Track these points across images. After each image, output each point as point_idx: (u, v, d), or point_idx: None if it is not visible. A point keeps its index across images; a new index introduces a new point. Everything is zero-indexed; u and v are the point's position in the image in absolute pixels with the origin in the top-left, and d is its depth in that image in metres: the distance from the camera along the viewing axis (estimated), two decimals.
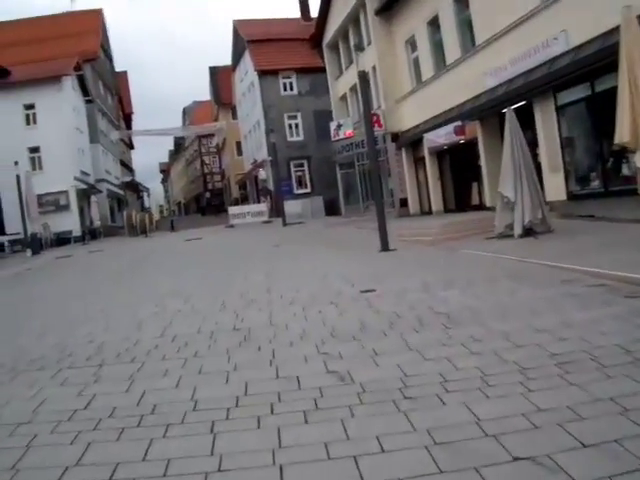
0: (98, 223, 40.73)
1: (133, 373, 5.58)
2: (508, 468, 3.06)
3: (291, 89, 44.55)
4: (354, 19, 31.96)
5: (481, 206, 21.37)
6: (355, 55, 16.06)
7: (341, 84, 36.21)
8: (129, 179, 57.80)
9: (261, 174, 45.55)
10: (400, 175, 27.42)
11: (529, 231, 13.50)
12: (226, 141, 66.07)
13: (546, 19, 16.58)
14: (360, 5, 29.92)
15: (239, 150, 60.07)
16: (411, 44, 26.24)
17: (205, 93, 73.09)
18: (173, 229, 41.18)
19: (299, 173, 44.54)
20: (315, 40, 38.73)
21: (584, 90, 15.85)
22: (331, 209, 39.37)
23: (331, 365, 5.23)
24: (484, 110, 19.55)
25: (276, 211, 37.74)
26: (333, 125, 33.38)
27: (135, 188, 63.49)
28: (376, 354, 5.45)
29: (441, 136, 22.62)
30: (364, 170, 31.50)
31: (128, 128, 65.95)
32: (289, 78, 44.38)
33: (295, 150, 43.53)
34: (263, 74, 43.98)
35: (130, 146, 72.85)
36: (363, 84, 14.56)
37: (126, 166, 66.01)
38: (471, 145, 21.46)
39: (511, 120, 13.58)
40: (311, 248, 17.15)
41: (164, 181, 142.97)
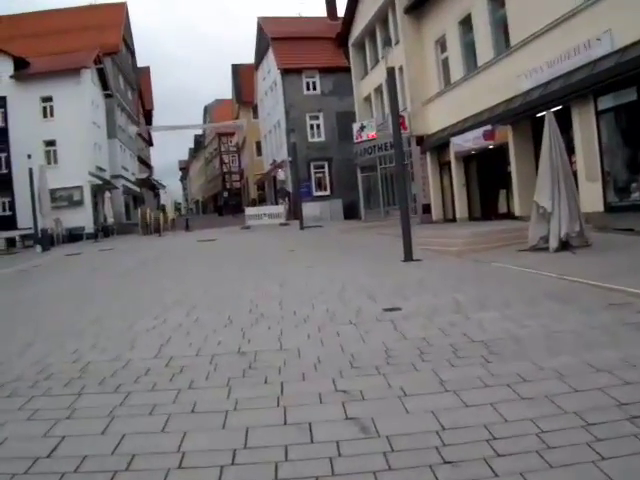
0: (111, 220, 39.89)
1: (115, 408, 4.69)
2: None
3: (314, 89, 43.53)
4: (382, 18, 30.95)
5: (509, 215, 20.31)
6: (383, 51, 15.16)
7: (366, 85, 35.23)
8: (145, 176, 56.91)
9: (280, 175, 44.61)
10: (424, 180, 26.39)
11: (565, 244, 12.50)
12: (246, 140, 65.25)
13: (589, 18, 15.49)
14: (389, 3, 28.91)
15: (259, 150, 59.22)
16: (441, 44, 25.21)
17: (227, 92, 72.35)
18: (188, 229, 40.31)
19: (319, 175, 43.54)
20: (341, 39, 37.80)
21: (628, 95, 14.74)
22: (350, 213, 38.41)
23: (351, 409, 4.33)
24: (517, 114, 18.49)
25: (294, 213, 36.86)
26: (356, 126, 32.36)
27: (152, 185, 62.73)
28: (405, 394, 4.56)
29: (469, 140, 21.59)
30: (386, 174, 30.47)
31: (148, 124, 65.30)
32: (312, 77, 43.37)
33: (316, 151, 42.55)
34: (286, 73, 42.98)
35: (149, 143, 72.27)
36: (391, 81, 13.60)
37: (144, 163, 65.38)
38: (501, 150, 20.41)
39: (551, 123, 12.54)
40: (329, 255, 16.19)
41: (183, 179, 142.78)
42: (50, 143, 39.26)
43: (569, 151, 14.67)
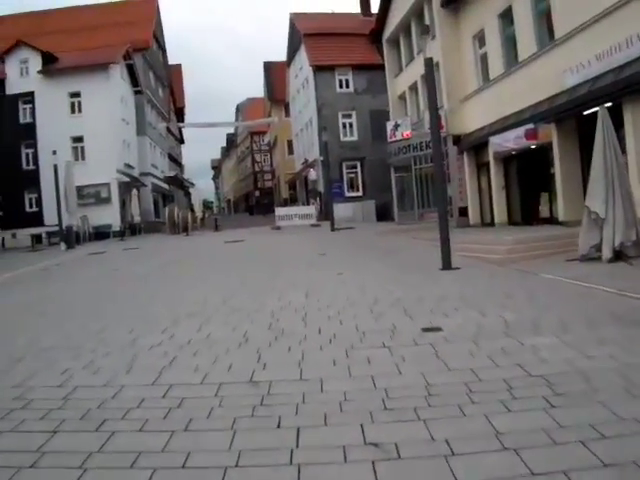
0: (138, 218, 39.27)
1: (91, 455, 3.82)
2: None
3: (347, 86, 42.59)
4: (418, 13, 29.81)
5: (552, 220, 19.10)
6: (420, 40, 14.37)
7: (400, 82, 34.08)
8: (173, 174, 56.23)
9: (311, 174, 43.71)
10: (460, 182, 25.23)
11: (619, 254, 11.38)
12: (277, 139, 64.55)
13: None
14: None
15: (290, 149, 58.47)
16: (479, 39, 24.00)
17: (260, 91, 71.70)
18: (217, 228, 39.48)
19: (351, 175, 42.57)
20: (375, 35, 36.71)
21: None
22: (383, 214, 37.34)
23: (383, 471, 3.39)
24: (562, 112, 17.29)
25: (325, 214, 35.91)
26: (390, 125, 31.24)
27: (181, 184, 62.10)
28: (452, 452, 3.58)
29: (509, 140, 20.37)
30: (421, 174, 29.35)
31: (179, 122, 64.78)
32: (345, 75, 42.42)
33: (348, 151, 41.60)
34: (318, 70, 42.12)
35: (180, 141, 71.80)
36: (429, 73, 12.55)
37: (175, 161, 64.91)
38: (543, 151, 19.19)
39: (604, 120, 11.43)
40: (361, 260, 15.17)
41: (215, 178, 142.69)
42: (78, 139, 38.72)
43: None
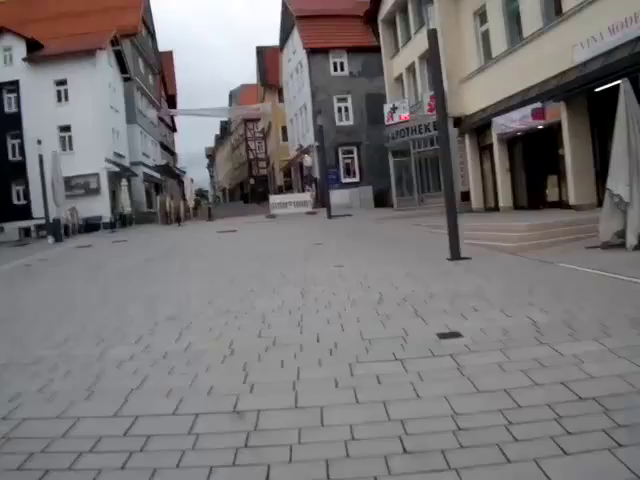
0: (129, 209, 38.04)
1: None
2: None
3: (342, 69, 41.33)
4: None
5: (561, 204, 18.11)
6: (424, 10, 13.39)
7: (397, 63, 32.95)
8: (164, 162, 54.86)
9: (306, 161, 42.55)
10: (462, 165, 24.16)
11: None
12: (271, 125, 63.29)
13: None
14: None
15: (285, 135, 57.20)
16: (480, 15, 22.92)
17: (254, 78, 70.32)
18: (210, 218, 38.32)
19: (347, 160, 41.40)
20: (370, 15, 35.57)
21: None
22: (381, 200, 36.32)
23: None
24: (572, 89, 16.24)
25: (321, 201, 34.83)
26: (387, 107, 30.09)
27: (173, 173, 60.69)
28: None
29: (515, 120, 19.32)
30: (420, 158, 28.32)
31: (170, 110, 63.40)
32: (340, 57, 41.14)
33: (344, 135, 40.44)
34: (312, 52, 40.82)
35: (173, 129, 70.43)
36: (434, 46, 11.52)
37: (168, 150, 63.62)
38: (551, 131, 18.17)
39: (627, 94, 10.40)
40: (361, 250, 14.11)
41: (210, 167, 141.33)
42: (65, 129, 37.39)
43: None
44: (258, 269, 11.77)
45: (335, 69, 41.32)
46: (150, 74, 55.07)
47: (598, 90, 15.39)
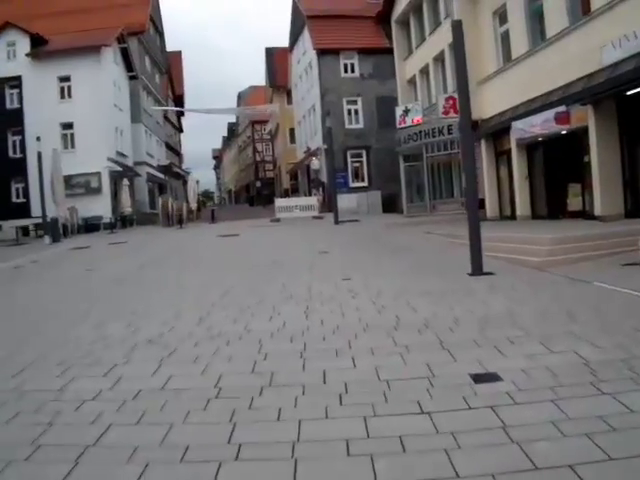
0: (129, 210, 36.91)
1: None
2: None
3: (352, 71, 40.22)
4: None
5: (584, 214, 17.00)
6: (445, 2, 12.65)
7: (410, 65, 31.90)
8: (167, 163, 53.72)
9: (314, 164, 41.47)
10: (477, 171, 23.06)
11: None
12: (279, 127, 62.24)
13: None
14: None
15: (292, 138, 56.13)
16: (500, 15, 21.80)
17: (263, 80, 69.33)
18: (213, 220, 37.24)
19: (356, 164, 40.29)
20: (383, 15, 34.59)
21: None
22: (389, 206, 35.32)
23: None
24: (601, 92, 15.14)
25: (328, 206, 33.75)
26: (399, 110, 29.05)
27: (177, 173, 59.49)
28: None
29: (536, 125, 18.21)
30: (433, 163, 27.31)
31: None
32: (351, 59, 40.03)
33: (353, 139, 39.37)
34: (322, 53, 39.72)
35: (179, 129, 69.44)
36: (458, 38, 10.51)
37: (173, 150, 62.58)
38: (576, 136, 17.03)
39: None
40: (370, 260, 13.00)
41: (216, 168, 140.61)
42: (67, 126, 36.47)
43: None
44: (258, 281, 10.70)
45: (345, 70, 40.23)
46: (157, 73, 54.10)
47: (630, 93, 14.33)
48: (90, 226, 34.07)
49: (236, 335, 6.46)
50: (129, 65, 42.62)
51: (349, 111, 40.06)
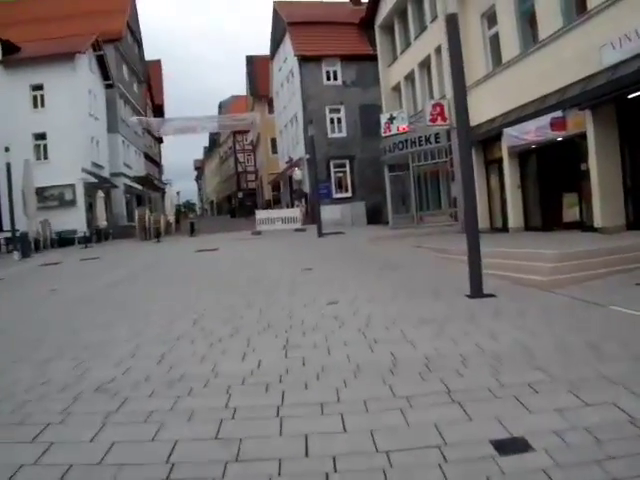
0: (104, 223, 35.63)
1: None
2: None
3: (335, 79, 39.25)
4: None
5: (581, 225, 16.08)
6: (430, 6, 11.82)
7: (394, 72, 31.00)
8: (144, 174, 52.39)
9: (296, 174, 40.44)
10: None
11: None
12: (260, 137, 61.28)
13: None
14: None
15: (274, 148, 55.24)
16: (488, 18, 20.90)
17: (244, 89, 68.39)
18: (192, 233, 36.03)
19: (339, 174, 39.27)
20: (366, 21, 33.75)
21: None
22: (374, 217, 34.40)
23: None
24: (600, 96, 14.24)
25: (311, 217, 32.71)
26: (384, 118, 28.00)
27: (156, 185, 58.18)
28: None
29: (529, 132, 17.27)
30: (419, 173, 26.35)
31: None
32: (333, 66, 39.09)
33: (336, 148, 38.38)
34: (304, 60, 38.74)
35: (159, 140, 68.20)
36: (453, 33, 9.53)
37: (153, 161, 61.35)
38: (573, 143, 16.13)
39: None
40: (358, 278, 11.90)
41: (198, 179, 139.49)
42: (40, 136, 35.33)
43: None
44: (233, 305, 9.59)
45: (328, 78, 39.28)
46: (135, 82, 52.96)
47: (632, 97, 13.44)
48: (64, 240, 32.77)
49: (201, 380, 5.36)
50: (105, 73, 41.60)
51: (332, 120, 39.12)
